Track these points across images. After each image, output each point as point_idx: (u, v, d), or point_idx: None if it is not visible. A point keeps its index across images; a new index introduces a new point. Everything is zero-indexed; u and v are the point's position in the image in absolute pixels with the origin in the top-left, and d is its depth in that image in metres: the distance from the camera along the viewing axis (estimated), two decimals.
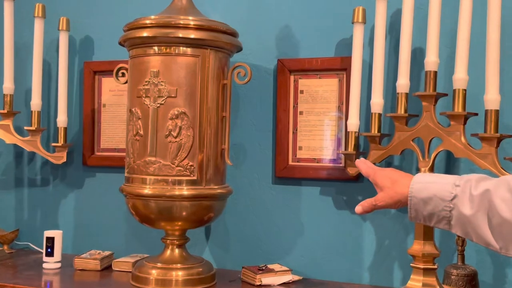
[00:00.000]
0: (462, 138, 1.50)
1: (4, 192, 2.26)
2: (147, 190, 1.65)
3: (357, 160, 1.35)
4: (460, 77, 1.50)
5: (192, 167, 1.66)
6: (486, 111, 1.48)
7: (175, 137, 1.65)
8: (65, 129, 2.06)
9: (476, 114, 1.52)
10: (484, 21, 1.49)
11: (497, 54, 1.47)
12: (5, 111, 2.04)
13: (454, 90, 1.51)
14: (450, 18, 1.57)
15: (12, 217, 2.24)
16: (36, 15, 2.04)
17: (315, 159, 1.87)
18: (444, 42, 1.63)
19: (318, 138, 1.86)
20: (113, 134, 2.11)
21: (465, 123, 1.51)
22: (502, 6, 1.46)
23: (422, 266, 1.52)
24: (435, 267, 1.52)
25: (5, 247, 2.08)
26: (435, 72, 1.55)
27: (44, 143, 2.12)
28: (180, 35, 1.64)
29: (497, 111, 1.47)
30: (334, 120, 1.85)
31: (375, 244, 1.80)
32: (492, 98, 1.47)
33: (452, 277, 1.58)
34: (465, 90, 1.51)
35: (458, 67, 1.50)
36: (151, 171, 1.66)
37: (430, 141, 1.55)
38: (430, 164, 1.54)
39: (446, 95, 1.57)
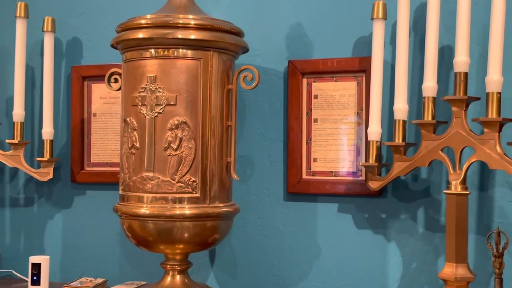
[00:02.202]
0: (497, 147, 1.52)
1: None
2: (144, 210, 1.66)
3: None
4: (494, 78, 1.51)
5: (195, 183, 1.66)
6: None
7: (175, 150, 1.66)
8: (51, 142, 2.07)
9: None
10: None
11: None
12: None
13: (487, 94, 1.53)
14: (482, 12, 1.58)
15: None
16: (17, 15, 2.06)
17: (331, 172, 1.88)
18: (475, 39, 1.65)
19: (335, 148, 1.88)
20: (104, 147, 2.12)
21: (500, 130, 1.52)
22: None
23: None
24: None
25: None
26: (466, 74, 1.56)
27: (28, 158, 2.14)
28: (180, 36, 1.66)
29: None
30: (352, 128, 1.86)
31: (402, 268, 1.81)
32: None
33: None
34: (499, 93, 1.52)
35: (491, 68, 1.51)
36: (149, 188, 1.66)
37: (462, 150, 1.57)
38: (462, 177, 1.56)
39: (478, 99, 1.58)
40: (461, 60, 1.55)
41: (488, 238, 1.63)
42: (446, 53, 1.71)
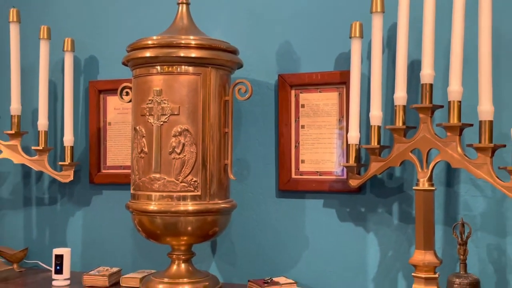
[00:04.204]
0: (458, 149, 1.52)
1: (12, 211, 2.29)
2: (152, 206, 1.69)
3: None
4: (455, 89, 1.52)
5: (196, 183, 1.69)
6: (480, 122, 1.50)
7: (179, 154, 1.68)
8: (72, 148, 2.09)
9: (471, 125, 1.54)
10: (477, 34, 1.51)
11: (489, 66, 1.48)
12: (13, 131, 2.07)
13: (449, 102, 1.53)
14: (446, 30, 1.57)
15: (21, 236, 2.27)
16: (41, 37, 2.09)
17: (317, 172, 1.89)
18: (441, 54, 1.65)
19: (320, 151, 1.89)
20: (118, 152, 2.14)
21: (460, 134, 1.53)
22: (493, 19, 1.49)
23: (423, 276, 1.53)
24: (436, 276, 1.53)
25: (15, 266, 2.11)
26: (431, 85, 1.57)
27: (52, 162, 2.15)
28: (182, 55, 1.67)
29: (491, 122, 1.49)
30: (335, 133, 1.87)
31: (379, 255, 1.82)
32: (485, 109, 1.49)
33: (455, 286, 1.59)
34: (459, 101, 1.52)
35: (452, 80, 1.52)
36: (156, 188, 1.69)
37: (428, 152, 1.57)
38: (429, 175, 1.56)
39: (442, 107, 1.59)
40: (427, 73, 1.56)
41: (454, 228, 1.65)
42: (415, 67, 1.72)
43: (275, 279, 1.81)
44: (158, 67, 1.71)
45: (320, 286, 1.87)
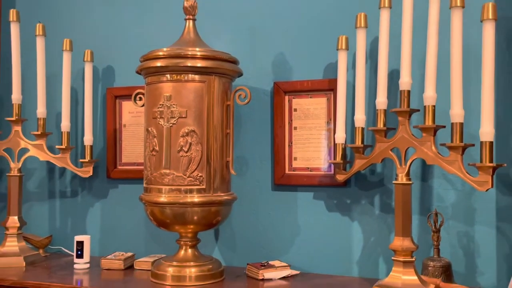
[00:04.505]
0: (433, 147, 1.52)
1: (38, 203, 2.29)
2: (163, 198, 1.69)
3: None
4: (429, 95, 1.52)
5: (201, 178, 1.69)
6: (452, 124, 1.49)
7: (186, 152, 1.68)
8: (91, 147, 2.09)
9: (444, 127, 1.54)
10: (449, 47, 1.50)
11: (459, 75, 1.48)
12: (39, 132, 2.07)
13: (425, 106, 1.53)
14: (423, 42, 1.56)
15: (46, 224, 2.27)
16: (64, 48, 2.08)
17: (308, 168, 1.89)
18: (418, 64, 1.65)
19: (311, 149, 1.89)
20: (132, 150, 2.13)
21: (434, 134, 1.53)
22: (464, 32, 1.49)
23: (401, 259, 1.53)
24: (413, 260, 1.53)
25: (41, 251, 2.11)
26: (408, 91, 1.56)
27: (73, 160, 2.15)
28: (189, 64, 1.67)
29: (461, 124, 1.48)
30: (324, 134, 1.87)
31: (362, 241, 1.83)
32: (456, 113, 1.49)
33: (429, 268, 1.60)
34: (434, 106, 1.52)
35: (427, 87, 1.52)
36: (166, 182, 1.69)
37: (406, 150, 1.57)
38: (406, 171, 1.56)
39: (418, 110, 1.59)
40: (404, 81, 1.56)
41: (428, 218, 1.67)
42: (394, 75, 1.73)
43: (270, 262, 1.82)
44: (168, 76, 1.71)
45: (310, 268, 1.87)
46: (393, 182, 1.59)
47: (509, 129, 1.67)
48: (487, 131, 1.47)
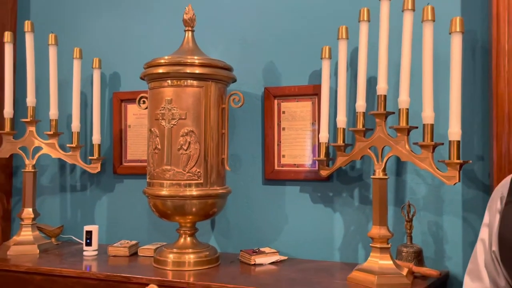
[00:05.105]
0: (406, 146, 1.52)
1: (51, 196, 2.27)
2: (164, 192, 1.68)
3: None
4: (403, 99, 1.51)
5: (199, 173, 1.68)
6: (424, 125, 1.49)
7: (185, 150, 1.67)
8: (99, 145, 2.07)
9: (416, 127, 1.53)
10: (421, 56, 1.51)
11: (430, 81, 1.48)
12: (51, 132, 2.05)
13: (399, 109, 1.52)
14: (397, 53, 1.56)
15: (58, 216, 2.25)
16: (74, 56, 2.07)
17: (295, 164, 1.88)
18: (393, 71, 1.64)
19: (297, 148, 1.88)
20: (137, 149, 2.12)
21: (408, 134, 1.52)
22: (434, 43, 1.49)
23: (379, 246, 1.52)
24: (389, 246, 1.52)
25: (53, 239, 2.10)
26: (385, 96, 1.55)
27: (83, 157, 2.13)
28: (188, 71, 1.66)
29: (432, 125, 1.48)
30: (309, 134, 1.87)
31: (343, 230, 1.82)
32: (427, 115, 1.48)
33: (403, 253, 1.61)
34: (407, 109, 1.51)
35: (401, 91, 1.52)
36: (167, 177, 1.68)
37: (382, 148, 1.56)
38: (383, 167, 1.55)
39: (393, 113, 1.58)
40: (381, 87, 1.55)
41: (402, 209, 1.67)
42: (372, 82, 1.71)
43: (261, 249, 1.82)
44: (169, 81, 1.70)
45: (296, 254, 1.87)
46: (371, 177, 1.59)
47: (474, 129, 1.68)
48: (454, 131, 1.47)
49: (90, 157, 2.08)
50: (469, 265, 1.27)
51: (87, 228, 1.94)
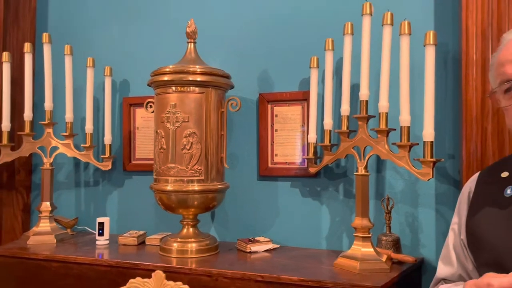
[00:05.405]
0: (386, 146, 1.54)
1: (67, 191, 2.28)
2: (169, 187, 1.69)
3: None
4: (383, 104, 1.53)
5: (201, 170, 1.70)
6: (401, 127, 1.51)
7: (188, 150, 1.69)
8: (110, 145, 2.09)
9: (395, 129, 1.55)
10: (398, 65, 1.52)
11: (407, 87, 1.50)
12: (67, 133, 2.06)
13: (380, 113, 1.54)
14: (377, 62, 1.56)
15: (73, 208, 2.26)
16: (88, 65, 2.08)
17: (286, 162, 1.90)
18: (374, 79, 1.65)
19: (289, 147, 1.90)
20: (144, 148, 2.13)
21: (387, 135, 1.54)
22: (410, 54, 1.51)
23: (361, 235, 1.53)
24: (370, 235, 1.54)
25: (68, 230, 2.11)
26: (366, 101, 1.57)
27: (95, 156, 2.14)
28: (190, 79, 1.68)
29: (408, 127, 1.50)
30: (299, 135, 1.88)
31: (329, 221, 1.84)
32: (404, 118, 1.51)
33: (383, 242, 1.63)
34: (386, 113, 1.53)
35: (381, 97, 1.54)
36: (172, 174, 1.70)
37: (364, 148, 1.57)
38: (365, 164, 1.57)
39: (374, 116, 1.59)
40: (363, 93, 1.57)
41: (382, 202, 1.69)
42: (355, 88, 1.71)
43: (256, 238, 1.83)
44: (173, 88, 1.71)
45: (288, 242, 1.88)
46: (354, 173, 1.60)
47: (446, 131, 1.70)
48: (428, 132, 1.49)
49: (102, 156, 2.10)
50: (442, 251, 1.30)
51: (99, 219, 1.95)
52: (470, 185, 1.28)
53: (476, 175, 1.30)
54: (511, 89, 1.11)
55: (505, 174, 1.19)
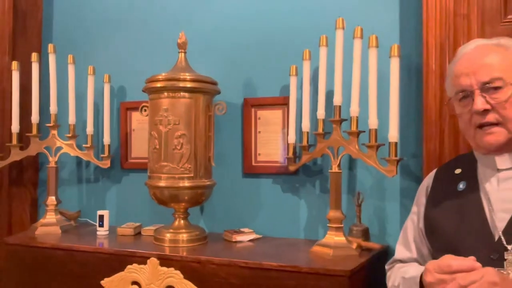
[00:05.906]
0: (356, 146, 1.54)
1: (70, 187, 2.25)
2: (162, 183, 1.68)
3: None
4: (354, 109, 1.53)
5: (190, 168, 1.68)
6: (370, 129, 1.52)
7: (179, 149, 1.67)
8: (109, 145, 2.06)
9: (364, 132, 1.55)
10: (368, 74, 1.53)
11: (375, 94, 1.51)
12: (70, 135, 2.04)
13: (351, 117, 1.54)
14: (349, 71, 1.56)
15: (76, 203, 2.23)
16: (89, 73, 2.05)
17: (268, 161, 1.89)
18: (346, 86, 1.61)
19: (271, 147, 1.88)
20: (140, 148, 2.10)
21: (358, 137, 1.54)
22: (378, 64, 1.52)
23: (334, 226, 1.54)
24: (342, 226, 1.55)
25: (72, 222, 2.08)
26: (339, 106, 1.56)
27: (96, 155, 2.12)
28: (181, 85, 1.66)
29: (376, 130, 1.51)
30: (280, 136, 1.87)
31: (307, 213, 1.84)
32: (372, 122, 1.51)
33: (353, 231, 1.63)
34: (357, 117, 1.53)
35: (352, 103, 1.54)
36: (165, 171, 1.68)
37: (338, 148, 1.57)
38: (338, 163, 1.56)
39: (346, 120, 1.59)
40: (337, 99, 1.56)
41: (353, 196, 1.70)
42: (330, 95, 1.68)
43: (241, 229, 1.82)
44: (166, 93, 1.69)
45: (269, 233, 1.87)
46: (329, 171, 1.60)
47: (409, 133, 1.69)
48: (393, 134, 1.50)
49: (101, 155, 2.08)
50: (400, 235, 1.33)
51: (99, 212, 1.93)
52: (428, 181, 1.31)
53: (434, 171, 1.33)
54: (465, 98, 1.14)
55: (458, 171, 1.23)
